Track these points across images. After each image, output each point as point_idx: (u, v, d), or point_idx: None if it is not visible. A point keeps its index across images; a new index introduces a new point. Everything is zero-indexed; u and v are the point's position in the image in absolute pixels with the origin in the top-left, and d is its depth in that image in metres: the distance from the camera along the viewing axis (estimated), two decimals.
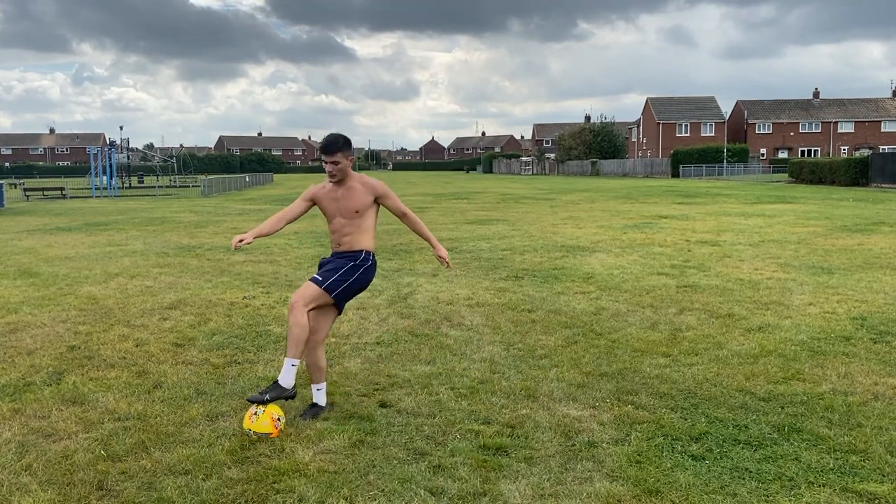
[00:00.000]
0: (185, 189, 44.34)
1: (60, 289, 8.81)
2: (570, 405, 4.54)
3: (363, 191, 4.38)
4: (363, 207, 4.38)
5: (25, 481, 3.57)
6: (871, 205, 22.03)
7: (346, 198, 4.38)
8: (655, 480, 3.49)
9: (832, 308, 7.20)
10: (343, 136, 4.38)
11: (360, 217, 4.40)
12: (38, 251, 12.80)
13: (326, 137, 4.36)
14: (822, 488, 3.41)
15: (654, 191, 33.97)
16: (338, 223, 4.42)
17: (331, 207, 4.42)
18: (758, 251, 11.50)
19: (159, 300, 8.04)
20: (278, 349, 5.94)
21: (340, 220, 4.40)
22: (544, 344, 6.00)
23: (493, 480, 3.52)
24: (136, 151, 61.86)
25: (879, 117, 78.36)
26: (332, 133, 4.39)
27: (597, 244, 12.73)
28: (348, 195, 4.38)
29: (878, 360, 5.43)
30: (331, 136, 4.35)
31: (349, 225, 4.40)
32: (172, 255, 11.98)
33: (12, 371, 5.40)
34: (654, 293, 8.08)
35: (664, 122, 79.43)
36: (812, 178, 39.78)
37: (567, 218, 18.78)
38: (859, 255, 10.83)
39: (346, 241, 4.42)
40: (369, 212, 4.43)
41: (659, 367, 5.32)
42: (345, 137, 4.38)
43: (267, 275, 9.75)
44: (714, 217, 18.24)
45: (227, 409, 4.54)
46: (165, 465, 3.72)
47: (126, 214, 22.58)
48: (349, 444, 3.95)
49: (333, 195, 4.41)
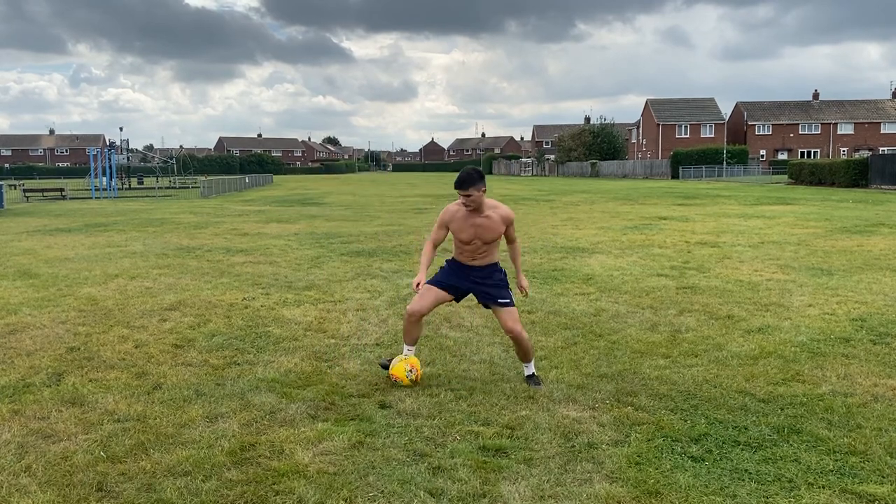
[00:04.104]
0: (185, 190, 44.30)
1: (60, 290, 8.81)
2: (569, 406, 4.55)
3: (498, 221, 4.82)
4: (499, 236, 4.88)
5: (25, 482, 3.56)
6: (870, 206, 22.03)
7: (485, 227, 4.80)
8: (655, 482, 3.49)
9: (832, 309, 7.20)
10: (477, 171, 4.76)
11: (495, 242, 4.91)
12: (37, 252, 12.80)
13: (462, 174, 4.73)
14: (822, 490, 3.41)
15: (653, 192, 33.98)
16: (475, 245, 4.86)
17: (468, 233, 4.83)
18: (757, 252, 11.51)
19: (159, 301, 8.04)
20: (278, 350, 5.94)
21: (478, 244, 4.85)
22: (544, 345, 6.00)
23: (492, 482, 3.51)
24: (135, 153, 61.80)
25: (879, 119, 78.37)
26: (465, 168, 4.78)
27: (596, 245, 12.73)
28: (487, 224, 4.80)
29: (877, 362, 5.43)
30: (463, 173, 4.72)
31: (484, 247, 4.87)
32: (172, 257, 11.98)
33: (12, 372, 5.40)
34: (653, 294, 8.08)
35: (664, 124, 79.45)
36: (812, 179, 39.79)
37: (567, 219, 18.78)
38: (859, 257, 10.83)
39: (481, 257, 4.91)
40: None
41: (659, 368, 5.32)
42: (479, 172, 4.76)
43: (266, 276, 9.75)
44: (714, 218, 18.25)
45: (226, 410, 4.54)
46: (165, 467, 3.71)
47: (126, 215, 22.58)
48: (349, 446, 3.95)
49: (472, 222, 4.80)
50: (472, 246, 4.85)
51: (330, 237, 14.86)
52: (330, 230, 16.60)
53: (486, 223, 4.78)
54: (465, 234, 4.81)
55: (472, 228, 4.78)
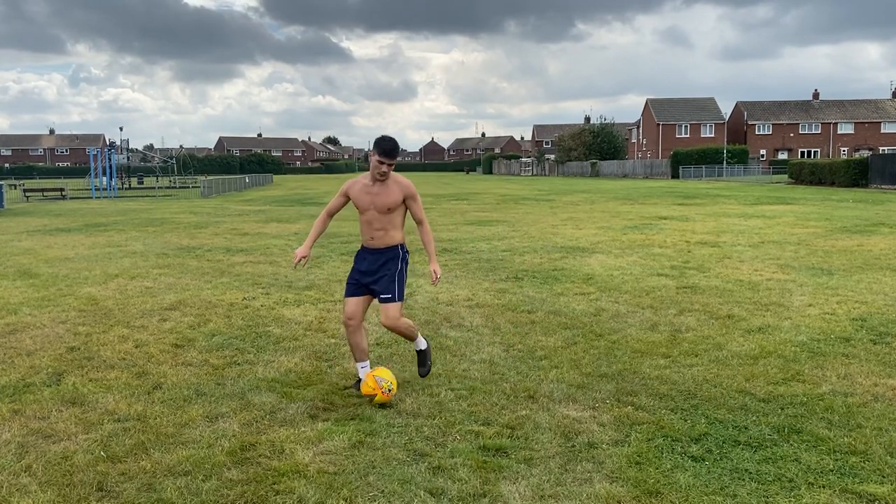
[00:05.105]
0: (185, 190, 44.32)
1: (60, 290, 8.81)
2: (569, 406, 4.55)
3: (396, 190, 4.72)
4: (394, 205, 4.73)
5: (25, 482, 3.56)
6: (870, 206, 22.03)
7: (381, 195, 4.71)
8: (655, 481, 3.49)
9: (832, 309, 7.20)
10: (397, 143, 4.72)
11: (390, 214, 4.75)
12: (37, 252, 12.80)
13: (390, 142, 4.65)
14: (822, 489, 3.41)
15: (653, 192, 33.98)
16: (371, 215, 4.74)
17: (364, 201, 4.74)
18: (757, 252, 11.51)
19: (159, 301, 8.04)
20: (278, 350, 5.94)
21: (374, 213, 4.73)
22: (544, 345, 6.00)
23: (492, 481, 3.51)
24: (135, 152, 61.79)
25: (879, 118, 78.39)
26: (390, 138, 4.69)
27: (596, 245, 12.73)
28: (383, 192, 4.71)
29: (877, 362, 5.43)
30: (393, 142, 4.66)
31: (380, 219, 4.74)
32: (172, 256, 11.98)
33: (12, 372, 5.40)
34: (653, 294, 8.08)
35: (664, 124, 79.46)
36: (812, 179, 39.80)
37: (567, 219, 18.78)
38: (859, 257, 10.83)
39: (379, 235, 4.78)
40: (399, 209, 4.77)
41: (659, 368, 5.32)
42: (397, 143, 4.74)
43: (266, 276, 9.76)
44: (714, 218, 18.25)
45: (226, 410, 4.54)
46: (165, 466, 3.72)
47: (126, 215, 22.58)
48: (349, 445, 3.95)
49: (369, 190, 4.74)
50: (368, 216, 4.75)
51: (330, 237, 14.86)
52: (330, 230, 16.58)
53: (383, 190, 4.71)
54: (362, 202, 4.74)
55: (367, 196, 4.73)
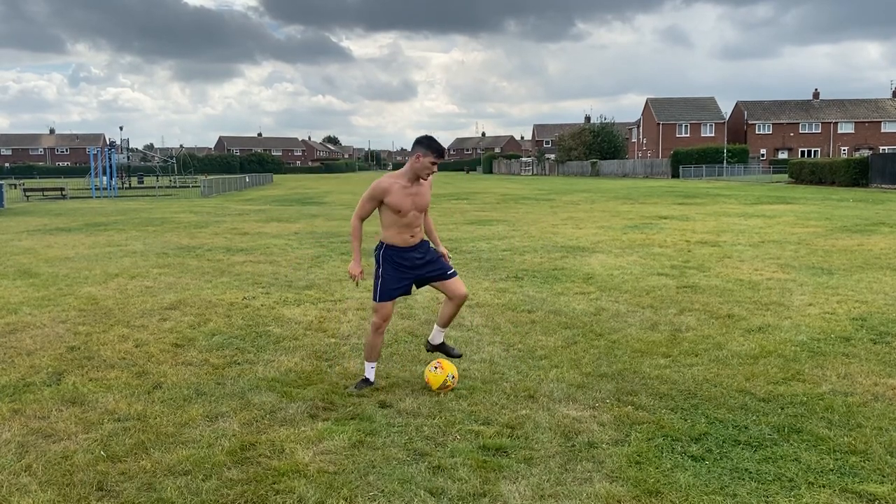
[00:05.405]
0: (185, 189, 44.33)
1: (60, 289, 8.81)
2: (569, 406, 4.54)
3: (427, 187, 4.85)
4: (428, 203, 4.91)
5: (25, 482, 3.56)
6: (871, 205, 22.03)
7: (420, 195, 4.81)
8: (655, 481, 3.49)
9: (832, 309, 7.20)
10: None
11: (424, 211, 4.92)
12: (37, 252, 12.80)
13: (439, 142, 4.77)
14: (822, 489, 3.41)
15: (654, 191, 33.97)
16: (412, 217, 4.80)
17: (407, 203, 4.75)
18: (758, 252, 11.50)
19: (159, 301, 8.04)
20: (278, 349, 5.94)
21: (415, 214, 4.81)
22: (544, 344, 6.00)
23: (492, 481, 3.51)
24: (135, 152, 61.80)
25: (879, 118, 78.34)
26: (435, 138, 4.78)
27: (597, 245, 12.72)
28: (421, 192, 4.81)
29: (878, 361, 5.43)
30: (440, 142, 4.79)
31: (419, 218, 4.85)
32: (172, 256, 11.98)
33: (12, 371, 5.40)
34: (653, 294, 8.08)
35: (664, 123, 79.42)
36: (812, 178, 39.78)
37: (567, 218, 18.78)
38: (859, 256, 10.83)
39: (418, 231, 4.87)
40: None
41: (659, 367, 5.32)
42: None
43: (267, 275, 9.75)
44: (714, 218, 18.24)
45: (226, 409, 4.54)
46: (165, 466, 3.72)
47: (126, 215, 22.57)
48: (349, 445, 3.95)
49: (409, 191, 4.77)
50: (408, 218, 4.77)
51: (330, 236, 14.86)
52: (330, 229, 16.60)
53: (421, 190, 4.78)
54: (405, 205, 4.73)
55: (409, 198, 4.74)
